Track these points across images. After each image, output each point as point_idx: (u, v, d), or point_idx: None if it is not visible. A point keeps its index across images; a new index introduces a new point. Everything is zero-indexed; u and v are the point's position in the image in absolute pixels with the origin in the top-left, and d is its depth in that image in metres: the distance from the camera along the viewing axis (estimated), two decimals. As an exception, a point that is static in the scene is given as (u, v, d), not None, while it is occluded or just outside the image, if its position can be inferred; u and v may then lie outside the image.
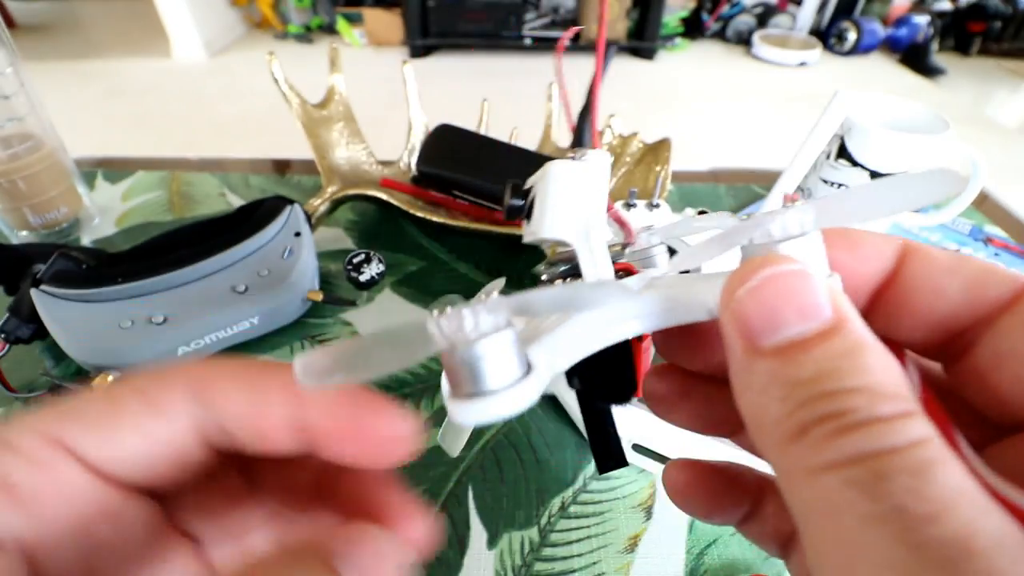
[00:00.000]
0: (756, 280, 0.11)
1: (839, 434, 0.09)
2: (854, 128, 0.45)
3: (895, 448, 0.09)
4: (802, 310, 0.11)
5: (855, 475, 0.09)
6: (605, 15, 0.19)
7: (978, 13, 2.42)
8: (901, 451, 0.09)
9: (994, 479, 0.09)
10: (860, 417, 0.09)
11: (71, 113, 1.89)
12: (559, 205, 0.15)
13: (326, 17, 2.58)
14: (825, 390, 0.10)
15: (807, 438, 0.10)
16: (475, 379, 0.10)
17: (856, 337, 0.11)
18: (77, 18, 2.79)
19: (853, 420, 0.09)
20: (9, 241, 0.47)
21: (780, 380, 0.10)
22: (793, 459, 0.10)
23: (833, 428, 0.09)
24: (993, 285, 0.12)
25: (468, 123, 0.53)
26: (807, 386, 0.10)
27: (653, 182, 0.50)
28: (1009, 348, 0.12)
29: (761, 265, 0.11)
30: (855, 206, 0.11)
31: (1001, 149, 1.82)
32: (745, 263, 0.11)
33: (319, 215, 0.50)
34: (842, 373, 0.10)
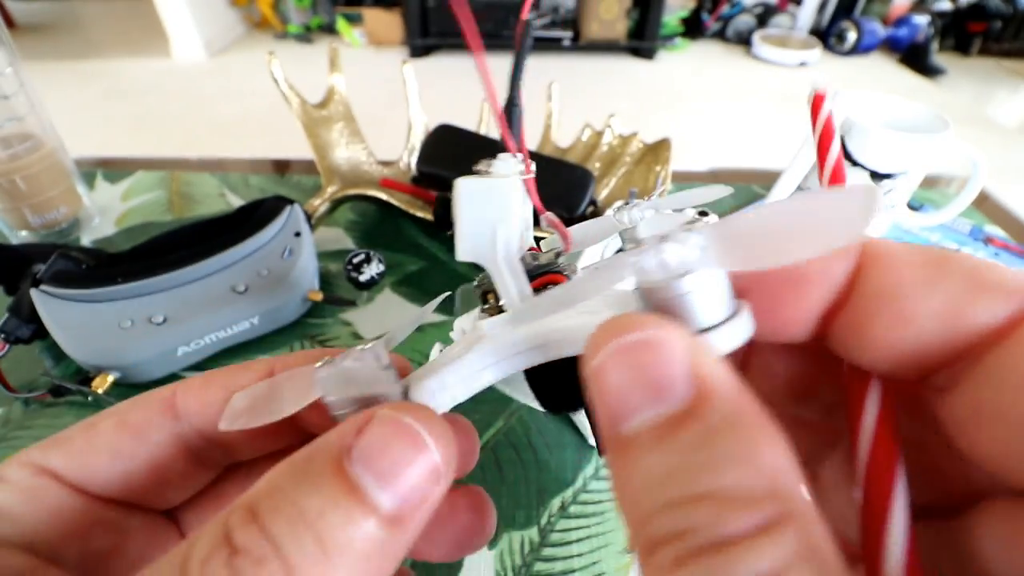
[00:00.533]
0: (605, 354, 0.09)
1: (678, 565, 0.08)
2: (854, 128, 0.45)
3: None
4: (655, 388, 0.09)
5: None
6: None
7: (978, 13, 2.42)
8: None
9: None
10: (701, 540, 0.08)
11: (71, 113, 1.89)
12: (466, 228, 0.14)
13: (326, 17, 2.58)
14: (671, 498, 0.08)
15: (655, 559, 0.08)
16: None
17: (719, 417, 0.09)
18: (77, 18, 2.79)
19: (694, 545, 0.08)
20: (9, 241, 0.47)
21: (627, 480, 0.09)
22: (651, 567, 0.08)
23: (673, 556, 0.08)
24: (983, 305, 0.09)
25: (468, 123, 0.53)
26: (654, 491, 0.08)
27: (653, 182, 0.50)
28: (990, 398, 0.09)
29: (610, 333, 0.10)
30: (762, 245, 0.09)
31: (1001, 149, 1.82)
32: (603, 325, 0.10)
33: (319, 215, 0.50)
34: (692, 472, 0.08)
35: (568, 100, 0.53)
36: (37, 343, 0.37)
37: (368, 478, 0.10)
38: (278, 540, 0.09)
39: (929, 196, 0.57)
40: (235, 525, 0.09)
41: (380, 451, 0.10)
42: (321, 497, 0.09)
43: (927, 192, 0.58)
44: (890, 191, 0.46)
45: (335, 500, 0.09)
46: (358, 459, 0.10)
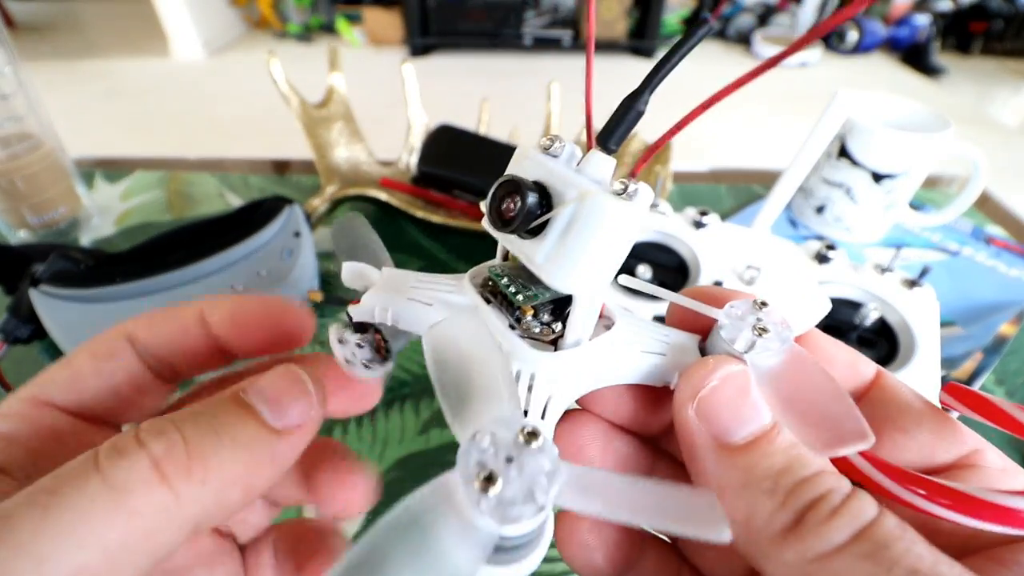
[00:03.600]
0: (715, 379, 0.12)
1: (834, 515, 0.10)
2: (855, 128, 0.45)
3: (876, 517, 0.10)
4: (756, 407, 0.12)
5: (863, 549, 0.10)
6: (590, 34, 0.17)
7: (979, 13, 2.42)
8: (882, 519, 0.10)
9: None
10: (840, 496, 0.11)
11: (70, 113, 1.89)
12: (594, 260, 0.12)
13: (325, 16, 2.58)
14: (801, 476, 0.11)
15: (804, 526, 0.10)
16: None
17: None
18: (76, 18, 2.79)
19: (838, 500, 0.11)
20: (8, 241, 0.47)
21: (760, 472, 0.11)
22: (798, 551, 0.10)
23: (827, 510, 0.10)
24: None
25: (468, 123, 0.53)
26: (786, 475, 0.11)
27: (653, 182, 0.49)
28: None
29: (716, 366, 0.13)
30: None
31: (1003, 149, 1.82)
32: (699, 363, 0.13)
33: (319, 215, 0.50)
34: (805, 459, 0.11)
35: (568, 100, 0.53)
36: (36, 343, 0.37)
37: (258, 400, 0.13)
38: (178, 423, 0.11)
39: (930, 196, 0.57)
40: (144, 423, 0.12)
41: (269, 386, 0.13)
42: (220, 408, 0.12)
43: (928, 192, 0.58)
44: (891, 191, 0.46)
45: (230, 410, 0.12)
46: (252, 391, 0.13)
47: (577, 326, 0.13)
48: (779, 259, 0.38)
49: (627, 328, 0.14)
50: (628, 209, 0.11)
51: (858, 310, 0.34)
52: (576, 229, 0.11)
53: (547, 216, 0.12)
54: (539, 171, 0.12)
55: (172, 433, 0.11)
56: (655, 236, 0.40)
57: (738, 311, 0.14)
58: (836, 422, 0.12)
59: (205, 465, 0.11)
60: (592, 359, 0.14)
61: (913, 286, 0.35)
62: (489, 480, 0.10)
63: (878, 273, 0.37)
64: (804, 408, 0.12)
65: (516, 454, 0.10)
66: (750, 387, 0.12)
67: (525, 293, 0.13)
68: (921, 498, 0.11)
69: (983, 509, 0.11)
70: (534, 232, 0.12)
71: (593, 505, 0.10)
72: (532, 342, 0.13)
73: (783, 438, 0.12)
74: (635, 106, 0.12)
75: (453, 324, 0.13)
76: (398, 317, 0.14)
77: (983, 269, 0.47)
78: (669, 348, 0.14)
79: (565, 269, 0.12)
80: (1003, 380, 0.38)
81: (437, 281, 0.15)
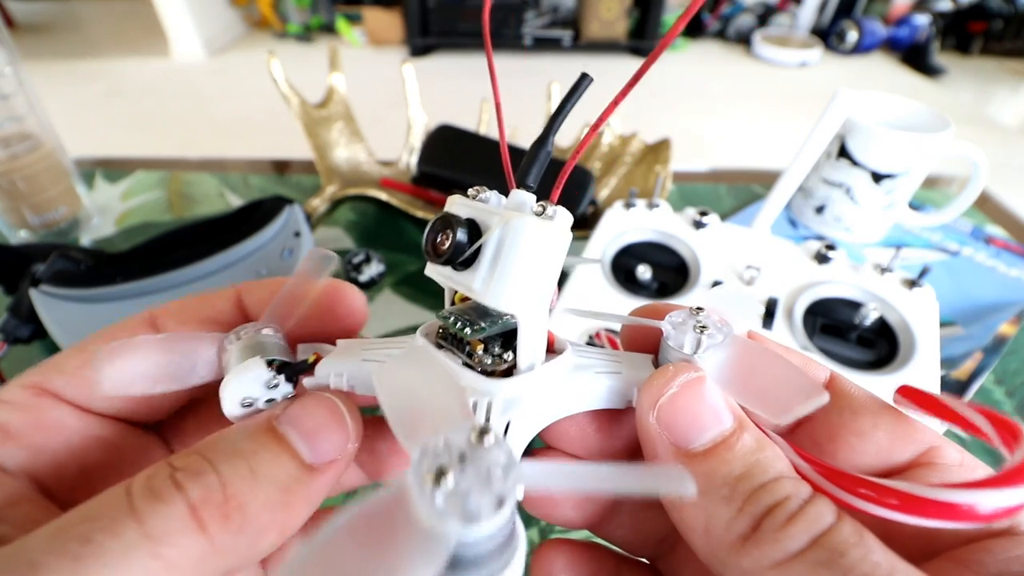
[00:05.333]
0: (674, 387, 0.12)
1: (790, 522, 0.10)
2: (855, 128, 0.45)
3: (833, 524, 0.10)
4: (716, 412, 0.12)
5: (819, 557, 0.10)
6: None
7: (979, 13, 2.42)
8: (839, 525, 0.10)
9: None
10: (798, 503, 0.11)
11: (70, 113, 1.89)
12: (525, 276, 0.13)
13: (326, 17, 2.58)
14: (759, 482, 0.11)
15: (761, 533, 0.10)
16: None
17: (755, 431, 0.12)
18: (76, 18, 2.79)
19: (795, 506, 0.11)
20: (8, 241, 0.47)
21: (719, 479, 0.11)
22: (754, 558, 0.10)
23: (783, 517, 0.10)
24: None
25: (468, 123, 0.53)
26: (744, 481, 0.11)
27: (653, 182, 0.49)
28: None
29: (674, 374, 0.13)
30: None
31: (1002, 149, 1.82)
32: (657, 372, 0.13)
33: (319, 215, 0.50)
34: (765, 464, 0.11)
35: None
36: (37, 343, 0.37)
37: (294, 434, 0.12)
38: (214, 461, 0.11)
39: (930, 196, 0.57)
40: (177, 457, 0.11)
41: (306, 416, 0.12)
42: (255, 443, 0.12)
43: (928, 192, 0.58)
44: (891, 191, 0.46)
45: (266, 445, 0.12)
46: (286, 421, 0.12)
47: (526, 349, 0.14)
48: (779, 259, 0.38)
49: (579, 354, 0.15)
50: (547, 227, 0.13)
51: (858, 310, 0.34)
52: (504, 250, 0.13)
53: (477, 244, 0.13)
54: (468, 211, 0.14)
55: (209, 475, 0.11)
56: (655, 236, 0.40)
57: (678, 319, 0.14)
58: (789, 389, 0.12)
59: (243, 512, 0.11)
60: (548, 383, 0.14)
61: (913, 286, 0.36)
62: (441, 474, 0.09)
63: (878, 273, 0.37)
64: (759, 386, 0.12)
65: (469, 452, 0.10)
66: (707, 391, 0.12)
67: (473, 327, 0.14)
68: (869, 501, 0.11)
69: (928, 507, 0.10)
70: (468, 263, 0.13)
71: (556, 482, 0.10)
72: (487, 375, 0.13)
73: (743, 443, 0.12)
74: (543, 148, 0.14)
75: (402, 359, 0.14)
76: (353, 380, 0.14)
77: (983, 269, 0.47)
78: (623, 367, 0.14)
79: (500, 288, 0.13)
80: (1003, 380, 0.38)
81: (389, 342, 0.15)
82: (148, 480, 0.10)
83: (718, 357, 0.13)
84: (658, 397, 0.12)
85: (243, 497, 0.11)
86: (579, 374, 0.14)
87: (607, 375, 0.14)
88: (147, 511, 0.10)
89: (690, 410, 0.12)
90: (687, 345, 0.13)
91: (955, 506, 0.10)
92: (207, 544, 0.10)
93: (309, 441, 0.12)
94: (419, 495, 0.09)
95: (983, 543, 0.11)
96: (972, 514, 0.10)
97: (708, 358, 0.13)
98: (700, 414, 0.12)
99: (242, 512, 0.11)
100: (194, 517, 0.10)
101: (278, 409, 0.12)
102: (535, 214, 0.13)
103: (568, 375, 0.14)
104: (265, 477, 0.11)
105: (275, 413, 0.12)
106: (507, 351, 0.14)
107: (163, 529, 0.10)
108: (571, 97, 0.13)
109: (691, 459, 0.12)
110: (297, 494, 0.12)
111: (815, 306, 0.36)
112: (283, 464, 0.11)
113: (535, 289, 0.13)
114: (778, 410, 0.12)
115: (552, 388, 0.14)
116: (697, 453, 0.12)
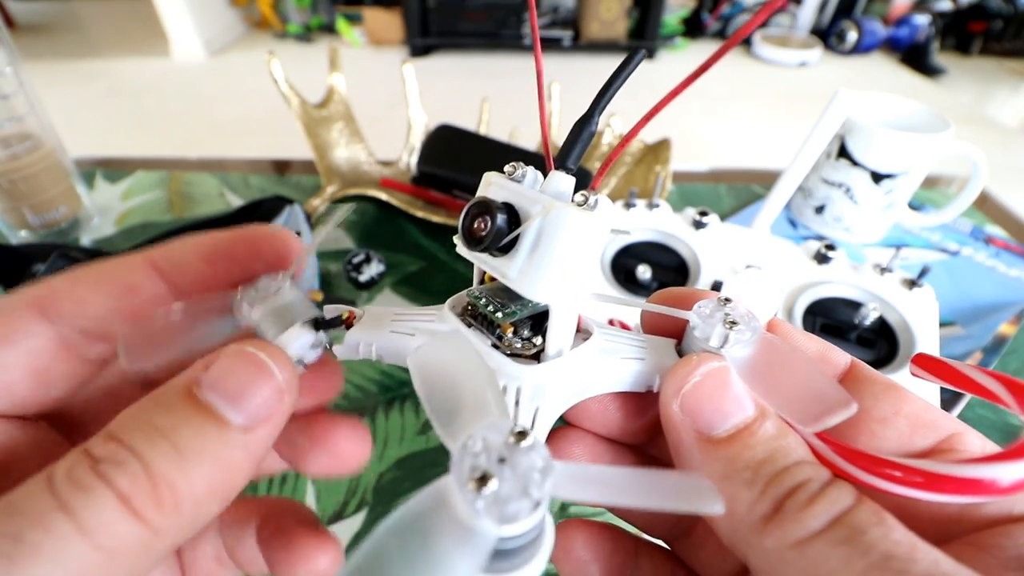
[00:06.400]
0: (697, 376, 0.13)
1: (811, 503, 0.11)
2: (855, 128, 0.45)
3: (853, 505, 0.11)
4: (738, 400, 0.13)
5: (840, 535, 0.10)
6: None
7: (979, 13, 2.42)
8: (859, 506, 0.11)
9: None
10: (819, 485, 0.11)
11: (70, 113, 1.89)
12: (564, 268, 0.12)
13: (326, 17, 2.58)
14: (781, 466, 0.11)
15: (783, 514, 0.11)
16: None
17: (776, 419, 0.13)
18: (77, 18, 2.79)
19: (816, 488, 0.11)
20: (8, 241, 0.47)
21: (741, 463, 0.12)
22: (777, 537, 0.11)
23: (804, 498, 0.11)
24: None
25: (468, 123, 0.53)
26: (766, 465, 0.12)
27: (653, 182, 0.49)
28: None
29: (698, 363, 0.13)
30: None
31: (1002, 149, 1.82)
32: (681, 361, 0.13)
33: (319, 215, 0.50)
34: (786, 450, 0.12)
35: (568, 100, 0.53)
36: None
37: (217, 399, 0.11)
38: (135, 447, 0.10)
39: (930, 196, 0.57)
40: (94, 445, 0.10)
41: (227, 377, 0.11)
42: (174, 416, 0.11)
43: (928, 192, 0.58)
44: (891, 191, 0.46)
45: (186, 417, 0.11)
46: (207, 386, 0.11)
47: (556, 337, 0.14)
48: (779, 259, 0.38)
49: (605, 338, 0.15)
50: (590, 218, 0.12)
51: (858, 310, 0.34)
52: (544, 240, 0.12)
53: (516, 232, 0.13)
54: (505, 193, 0.13)
55: (131, 463, 0.10)
56: (655, 236, 0.40)
57: (706, 310, 0.14)
58: (818, 397, 0.12)
59: (175, 494, 0.10)
60: (575, 368, 0.14)
61: (913, 286, 0.36)
62: (483, 480, 0.10)
63: (878, 273, 0.37)
64: (786, 390, 0.12)
65: (508, 454, 0.10)
66: (731, 381, 0.13)
67: (504, 311, 0.14)
68: (891, 481, 0.11)
69: (949, 483, 0.11)
70: (505, 249, 0.13)
71: (589, 493, 0.11)
72: (515, 358, 0.14)
73: (764, 430, 0.12)
74: (587, 127, 0.13)
75: (437, 344, 0.14)
76: (382, 351, 0.14)
77: (983, 269, 0.47)
78: (648, 353, 0.15)
79: (538, 279, 0.12)
80: (1003, 380, 0.38)
81: (417, 313, 0.15)
82: (69, 472, 0.10)
83: (745, 352, 0.13)
84: (682, 385, 0.13)
85: (172, 478, 0.10)
86: (605, 358, 0.14)
87: (632, 360, 0.14)
88: (76, 504, 0.09)
89: (713, 398, 0.13)
90: (714, 338, 0.14)
91: (976, 481, 0.10)
92: (145, 530, 0.10)
93: (236, 403, 0.11)
94: (462, 498, 0.10)
95: (1003, 528, 0.11)
96: (994, 487, 0.10)
97: (735, 353, 0.13)
98: (723, 401, 0.12)
99: (174, 493, 0.10)
100: (127, 507, 0.10)
101: (197, 371, 0.11)
102: (577, 204, 0.12)
103: (594, 359, 0.14)
104: (192, 453, 0.10)
105: (193, 377, 0.11)
106: (536, 335, 0.14)
107: (97, 521, 0.09)
108: (620, 73, 0.13)
109: (714, 445, 0.12)
110: (231, 461, 0.11)
111: (815, 306, 0.36)
112: (209, 435, 0.11)
113: (571, 280, 0.13)
114: (807, 417, 0.12)
115: (578, 373, 0.14)
116: (720, 439, 0.12)
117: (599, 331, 0.15)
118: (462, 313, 0.15)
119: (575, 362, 0.14)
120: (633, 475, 0.11)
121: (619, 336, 0.15)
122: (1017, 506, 0.11)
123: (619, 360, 0.14)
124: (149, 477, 0.10)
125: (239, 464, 0.11)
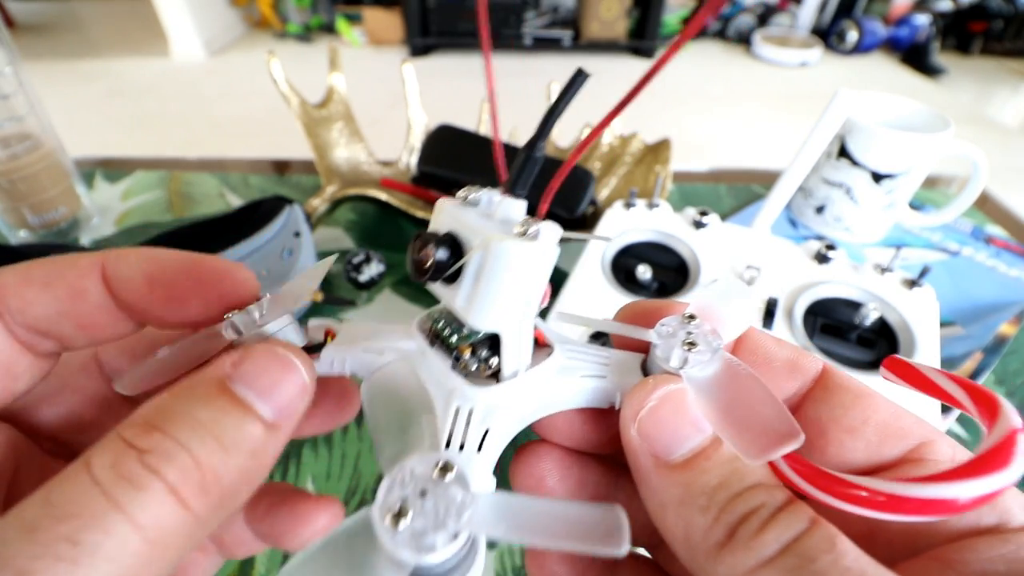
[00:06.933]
0: (654, 400, 0.13)
1: (763, 529, 0.11)
2: (855, 128, 0.45)
3: (806, 530, 0.10)
4: (695, 423, 0.12)
5: (789, 564, 0.10)
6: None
7: (980, 13, 2.42)
8: (811, 531, 0.10)
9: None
10: (770, 511, 0.11)
11: (70, 113, 1.89)
12: (506, 299, 0.13)
13: (326, 17, 2.58)
14: (735, 491, 0.11)
15: (736, 541, 0.11)
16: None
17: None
18: (76, 18, 2.79)
19: (767, 514, 0.11)
20: (8, 241, 0.47)
21: (697, 489, 0.12)
22: (729, 565, 0.11)
23: (756, 525, 0.11)
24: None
25: (468, 123, 0.53)
26: (720, 491, 0.11)
27: (653, 182, 0.49)
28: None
29: (654, 386, 0.13)
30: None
31: (1002, 149, 1.82)
32: (638, 385, 0.13)
33: (319, 215, 0.50)
34: (741, 474, 0.12)
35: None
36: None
37: (250, 394, 0.12)
38: (182, 440, 0.11)
39: (930, 196, 0.57)
40: (135, 436, 0.11)
41: (259, 373, 0.12)
42: (213, 410, 0.11)
43: (928, 192, 0.58)
44: (891, 191, 0.46)
45: (225, 410, 0.11)
46: (239, 380, 0.12)
47: (510, 359, 0.14)
48: (779, 259, 0.38)
49: (567, 355, 0.15)
50: (530, 248, 0.12)
51: (858, 310, 0.34)
52: (485, 273, 0.12)
53: (459, 263, 0.13)
54: (451, 223, 0.13)
55: (182, 455, 0.11)
56: (655, 236, 0.40)
57: (668, 328, 0.14)
58: (766, 426, 0.12)
59: (220, 483, 0.11)
60: (531, 388, 0.14)
61: (913, 286, 0.36)
62: (400, 514, 0.11)
63: (878, 273, 0.37)
64: (739, 416, 0.12)
65: (430, 487, 0.11)
66: (687, 404, 0.13)
67: (459, 334, 0.14)
68: (849, 502, 0.11)
69: (908, 505, 0.10)
70: (451, 279, 0.13)
71: (503, 531, 0.11)
72: (473, 379, 0.14)
73: (720, 454, 0.12)
74: (532, 155, 0.14)
75: (387, 372, 0.14)
76: (354, 367, 0.15)
77: (983, 269, 0.47)
78: (610, 370, 0.14)
79: (483, 310, 0.13)
80: (1003, 380, 0.38)
81: (391, 330, 0.15)
82: (116, 467, 0.10)
83: (705, 372, 0.13)
84: (639, 409, 0.13)
85: (218, 470, 0.11)
86: (564, 377, 0.14)
87: (592, 379, 0.14)
88: (129, 501, 0.10)
89: (669, 422, 0.12)
90: (674, 359, 0.13)
91: (936, 501, 0.10)
92: (191, 519, 0.10)
93: (267, 399, 0.12)
94: (381, 529, 0.11)
95: (968, 541, 0.11)
96: (954, 506, 0.10)
97: (694, 373, 0.13)
98: (679, 426, 0.12)
99: (219, 483, 0.11)
100: (176, 498, 0.10)
101: (226, 367, 0.12)
102: (517, 235, 0.12)
103: (552, 378, 0.14)
104: (232, 445, 0.11)
105: (225, 372, 0.12)
106: (494, 355, 0.14)
107: (149, 515, 0.10)
108: (564, 96, 0.13)
109: (671, 470, 0.12)
110: (263, 453, 0.12)
111: (815, 306, 0.36)
112: (247, 428, 0.12)
113: (518, 307, 0.13)
114: (752, 448, 0.12)
115: (535, 392, 0.14)
116: (676, 464, 0.12)
117: (560, 347, 0.15)
118: (429, 330, 0.15)
119: (531, 382, 0.14)
120: (553, 511, 0.11)
121: (581, 352, 0.15)
122: (984, 518, 0.11)
123: (578, 378, 0.14)
124: (198, 468, 0.11)
125: (269, 455, 0.12)
